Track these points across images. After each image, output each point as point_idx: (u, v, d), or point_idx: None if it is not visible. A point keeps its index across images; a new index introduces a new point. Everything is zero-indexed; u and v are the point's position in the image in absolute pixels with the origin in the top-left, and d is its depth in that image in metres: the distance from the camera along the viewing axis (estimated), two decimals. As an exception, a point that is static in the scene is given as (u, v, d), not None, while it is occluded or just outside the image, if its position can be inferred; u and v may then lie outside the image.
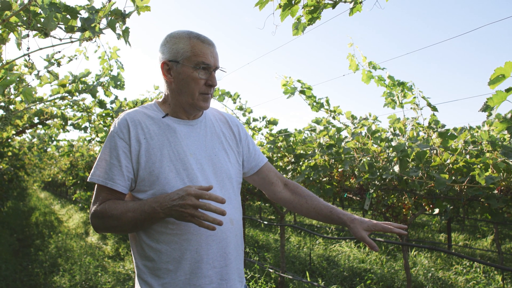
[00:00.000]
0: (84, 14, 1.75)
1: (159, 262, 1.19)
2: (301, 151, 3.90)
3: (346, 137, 3.31)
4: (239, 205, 1.35)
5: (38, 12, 1.62)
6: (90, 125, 4.52)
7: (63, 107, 4.12)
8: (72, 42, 1.83)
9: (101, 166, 1.21)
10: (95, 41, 1.88)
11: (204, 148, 1.30)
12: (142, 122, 1.25)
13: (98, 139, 4.74)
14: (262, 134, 4.55)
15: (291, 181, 1.50)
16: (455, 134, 2.61)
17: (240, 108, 4.58)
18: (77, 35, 1.81)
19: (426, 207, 2.94)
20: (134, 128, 1.23)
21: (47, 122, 4.53)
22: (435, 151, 2.70)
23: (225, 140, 1.37)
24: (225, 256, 1.24)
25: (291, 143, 4.08)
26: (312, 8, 1.73)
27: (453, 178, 2.46)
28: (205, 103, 1.28)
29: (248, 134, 1.50)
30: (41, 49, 1.83)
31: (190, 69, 1.23)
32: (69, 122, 4.48)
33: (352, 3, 1.69)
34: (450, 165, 2.52)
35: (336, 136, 3.34)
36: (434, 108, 2.75)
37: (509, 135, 2.66)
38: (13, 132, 4.64)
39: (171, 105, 1.31)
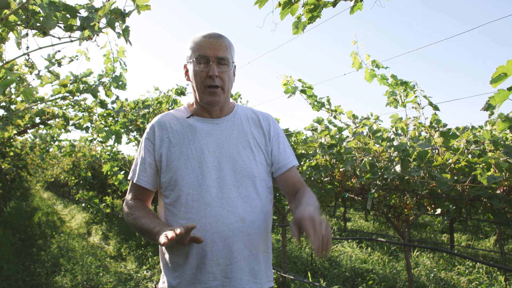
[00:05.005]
0: (83, 13, 1.74)
1: (171, 256, 1.28)
2: (303, 151, 3.89)
3: (347, 136, 3.29)
4: (260, 204, 1.29)
5: (37, 11, 1.62)
6: (92, 125, 4.52)
7: (64, 107, 4.12)
8: (71, 41, 1.83)
9: (133, 167, 1.39)
10: (95, 40, 1.88)
11: (226, 146, 1.30)
12: (168, 123, 1.36)
13: (99, 139, 4.74)
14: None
15: (302, 188, 1.35)
16: (457, 133, 2.59)
17: (242, 108, 4.56)
18: (77, 34, 1.81)
19: (428, 207, 2.92)
20: (160, 129, 1.35)
21: (49, 122, 4.53)
22: (437, 151, 2.68)
23: (252, 139, 1.35)
24: (230, 254, 1.22)
25: (292, 143, 4.06)
26: (312, 6, 1.72)
27: (455, 178, 2.44)
28: (212, 97, 1.29)
29: (282, 133, 1.43)
30: (40, 48, 1.83)
31: (192, 65, 1.29)
32: (71, 122, 4.49)
33: (353, 1, 1.68)
34: (452, 165, 2.51)
35: (338, 136, 3.32)
36: (436, 107, 2.74)
37: (511, 134, 2.64)
38: (15, 132, 4.65)
39: (195, 105, 1.38)
